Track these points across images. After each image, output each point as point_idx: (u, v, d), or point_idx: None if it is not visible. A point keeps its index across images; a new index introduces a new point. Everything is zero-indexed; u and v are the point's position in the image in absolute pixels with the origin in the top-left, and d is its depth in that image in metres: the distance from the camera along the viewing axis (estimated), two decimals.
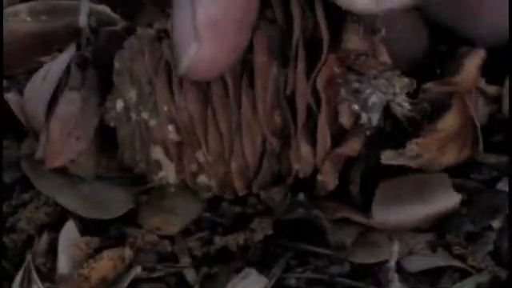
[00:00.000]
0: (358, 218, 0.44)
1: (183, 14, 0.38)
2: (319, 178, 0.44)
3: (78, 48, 0.47)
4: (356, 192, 0.45)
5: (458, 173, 0.46)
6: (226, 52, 0.38)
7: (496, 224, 0.45)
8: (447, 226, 0.45)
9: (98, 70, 0.47)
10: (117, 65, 0.45)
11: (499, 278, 0.43)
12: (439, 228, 0.45)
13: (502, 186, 0.45)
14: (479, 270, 0.44)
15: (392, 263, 0.43)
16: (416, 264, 0.44)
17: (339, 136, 0.43)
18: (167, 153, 0.44)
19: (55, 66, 0.47)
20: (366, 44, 0.42)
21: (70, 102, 0.45)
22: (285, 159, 0.44)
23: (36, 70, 0.48)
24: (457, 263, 0.44)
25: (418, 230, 0.45)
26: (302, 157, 0.43)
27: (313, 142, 0.43)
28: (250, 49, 0.41)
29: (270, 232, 0.44)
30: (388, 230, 0.44)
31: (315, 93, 0.42)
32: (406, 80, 0.42)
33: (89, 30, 0.48)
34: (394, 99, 0.42)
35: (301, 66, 0.42)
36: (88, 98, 0.46)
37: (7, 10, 0.49)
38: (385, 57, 0.43)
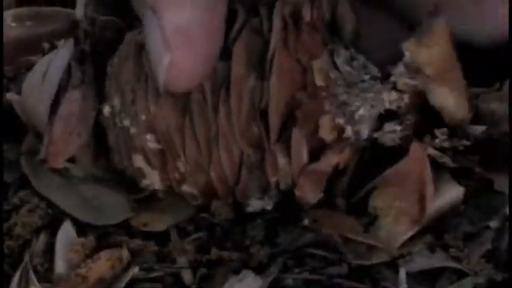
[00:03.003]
0: (366, 240, 0.44)
1: (153, 29, 0.38)
2: (296, 192, 0.43)
3: (76, 43, 0.47)
4: (343, 206, 0.45)
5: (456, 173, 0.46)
6: (199, 58, 0.38)
7: (494, 224, 0.44)
8: (445, 225, 0.44)
9: (95, 61, 0.47)
10: (108, 69, 0.45)
11: (496, 279, 0.43)
12: (438, 228, 0.45)
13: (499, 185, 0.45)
14: (476, 272, 0.44)
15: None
16: (414, 264, 0.44)
17: (321, 149, 0.43)
18: (148, 161, 0.44)
19: (55, 63, 0.47)
20: None
21: (71, 101, 0.45)
22: (265, 169, 0.43)
23: (25, 69, 0.48)
24: (454, 264, 0.44)
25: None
26: (280, 169, 0.43)
27: (290, 155, 0.42)
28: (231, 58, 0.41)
29: (266, 261, 0.44)
30: None
31: (298, 104, 0.42)
32: (395, 95, 0.42)
33: (86, 21, 0.48)
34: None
35: (274, 80, 0.41)
36: (87, 93, 0.46)
37: None
38: (373, 69, 0.43)
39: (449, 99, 0.42)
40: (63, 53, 0.47)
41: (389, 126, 0.43)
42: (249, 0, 0.43)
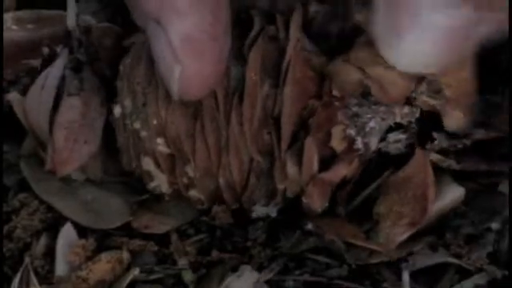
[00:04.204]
0: (368, 245, 0.44)
1: (159, 41, 0.38)
2: (303, 200, 0.43)
3: (71, 51, 0.47)
4: (343, 213, 0.45)
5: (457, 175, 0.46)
6: (209, 63, 0.38)
7: (495, 226, 0.44)
8: (447, 227, 0.44)
9: (98, 68, 0.47)
10: (121, 68, 0.45)
11: (498, 279, 0.43)
12: (439, 230, 0.45)
13: (503, 188, 0.45)
14: (478, 271, 0.44)
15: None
16: (415, 263, 0.44)
17: (331, 159, 0.43)
18: (158, 164, 0.44)
19: (51, 73, 0.47)
20: None
21: (70, 109, 0.45)
22: (273, 177, 0.43)
23: (24, 72, 0.48)
24: (455, 261, 0.44)
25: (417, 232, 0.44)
26: (289, 177, 0.42)
27: (300, 163, 0.42)
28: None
29: (267, 263, 0.44)
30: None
31: (310, 113, 0.42)
32: (406, 109, 0.42)
33: (78, 30, 0.48)
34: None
35: (288, 88, 0.41)
36: (89, 100, 0.46)
37: None
38: None
39: (461, 123, 0.43)
40: (59, 63, 0.47)
41: (394, 136, 0.43)
42: (266, 8, 0.43)
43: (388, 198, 0.44)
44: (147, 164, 0.44)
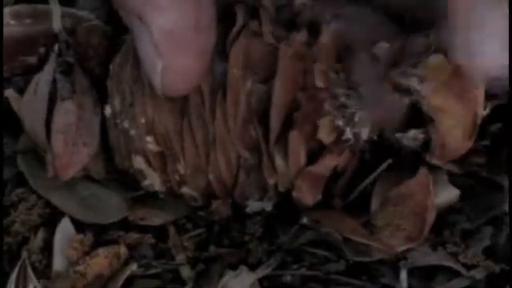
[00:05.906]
0: (369, 241, 0.43)
1: (142, 38, 0.38)
2: (294, 194, 0.43)
3: (60, 54, 0.47)
4: (339, 206, 0.45)
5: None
6: (192, 58, 0.38)
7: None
8: (443, 223, 0.45)
9: (88, 67, 0.47)
10: (111, 68, 0.45)
11: (495, 274, 0.43)
12: (436, 226, 0.45)
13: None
14: (474, 267, 0.44)
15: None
16: (413, 261, 0.44)
17: (320, 151, 0.42)
18: (149, 163, 0.44)
19: (42, 79, 0.46)
20: None
21: (65, 113, 0.45)
22: (263, 172, 0.43)
23: (21, 69, 0.48)
24: (451, 264, 0.44)
25: None
26: (278, 171, 0.42)
27: (287, 157, 0.42)
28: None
29: (264, 258, 0.44)
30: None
31: (297, 106, 0.41)
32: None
33: (65, 32, 0.48)
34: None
35: (278, 83, 0.41)
36: (83, 102, 0.45)
37: None
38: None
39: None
40: (48, 67, 0.46)
41: (414, 134, 0.43)
42: (250, 3, 0.43)
43: (386, 211, 0.44)
44: (139, 163, 0.44)
